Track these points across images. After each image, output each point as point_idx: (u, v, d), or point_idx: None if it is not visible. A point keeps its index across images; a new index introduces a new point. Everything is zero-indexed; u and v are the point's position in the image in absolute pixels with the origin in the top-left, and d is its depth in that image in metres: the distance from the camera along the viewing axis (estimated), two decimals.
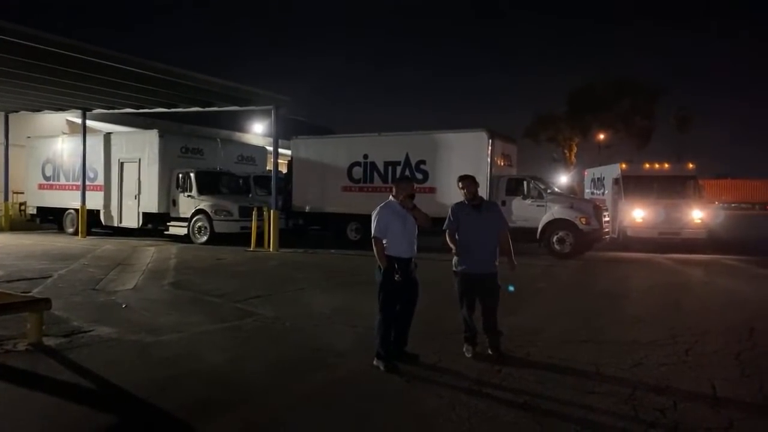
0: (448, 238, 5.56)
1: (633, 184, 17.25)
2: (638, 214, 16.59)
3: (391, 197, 5.31)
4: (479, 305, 5.51)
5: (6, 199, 19.87)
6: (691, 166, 18.08)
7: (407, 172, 15.59)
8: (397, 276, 5.00)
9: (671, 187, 17.11)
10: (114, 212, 17.53)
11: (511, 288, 5.41)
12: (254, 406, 4.30)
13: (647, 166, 18.11)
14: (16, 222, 19.73)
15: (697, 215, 16.46)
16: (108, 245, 15.13)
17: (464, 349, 5.49)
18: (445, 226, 5.60)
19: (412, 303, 5.24)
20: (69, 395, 4.44)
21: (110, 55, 11.87)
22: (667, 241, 16.15)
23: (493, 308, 5.47)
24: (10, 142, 19.52)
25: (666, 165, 18.12)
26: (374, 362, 5.06)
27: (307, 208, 17.11)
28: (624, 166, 18.14)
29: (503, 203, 14.66)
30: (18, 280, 9.35)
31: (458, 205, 5.63)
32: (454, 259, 5.54)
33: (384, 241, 5.13)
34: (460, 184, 5.63)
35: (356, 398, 4.47)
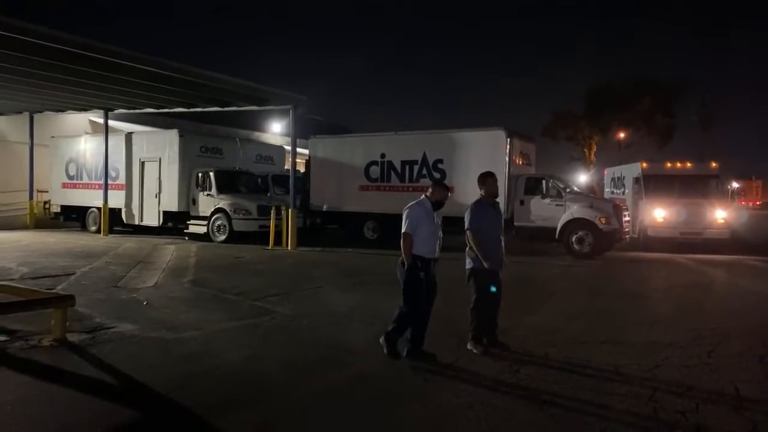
0: (472, 238, 5.51)
1: (654, 184, 16.98)
2: (659, 213, 16.34)
3: (424, 196, 5.36)
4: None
5: (31, 197, 20.27)
6: (714, 165, 17.74)
7: (424, 171, 15.57)
8: (422, 274, 5.08)
9: (693, 187, 16.79)
10: (135, 211, 17.79)
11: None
12: (271, 403, 4.34)
13: (669, 164, 17.81)
14: (40, 220, 20.15)
15: (719, 215, 16.16)
16: (129, 243, 15.36)
17: (471, 346, 5.52)
18: (469, 225, 5.55)
19: (430, 303, 5.28)
20: (92, 390, 4.52)
21: (131, 56, 12.03)
22: (689, 242, 15.89)
23: (499, 301, 5.67)
24: (34, 141, 19.92)
25: (688, 164, 17.80)
26: (380, 339, 5.25)
27: (325, 207, 17.18)
28: (645, 164, 17.86)
29: (522, 202, 14.58)
30: (42, 277, 9.54)
31: (480, 204, 5.63)
32: (472, 257, 5.54)
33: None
34: (487, 180, 5.65)
35: (373, 397, 4.48)
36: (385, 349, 5.17)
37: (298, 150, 17.06)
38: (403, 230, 5.20)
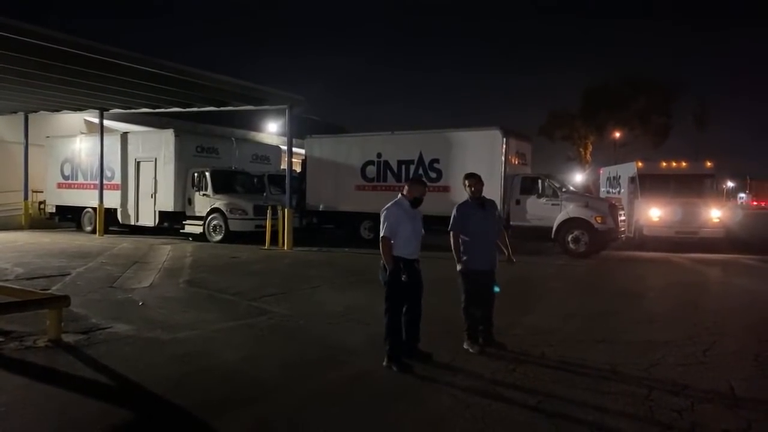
0: (452, 239, 5.58)
1: (649, 183, 17.06)
2: (655, 212, 16.40)
3: (400, 195, 5.29)
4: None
5: (26, 197, 20.19)
6: (709, 164, 17.83)
7: (420, 171, 15.57)
8: (404, 277, 4.99)
9: (689, 186, 16.88)
10: (131, 211, 17.75)
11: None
12: (268, 403, 4.33)
13: (664, 164, 17.89)
14: (35, 220, 20.07)
15: (714, 214, 16.24)
16: (125, 243, 15.32)
17: (467, 346, 5.54)
18: (451, 226, 5.61)
19: (419, 300, 5.25)
20: (87, 391, 4.50)
21: (126, 56, 11.99)
22: (684, 241, 15.96)
23: (493, 301, 5.68)
24: (29, 141, 19.84)
25: (683, 163, 17.88)
26: (384, 363, 5.03)
27: (321, 207, 17.18)
28: (640, 164, 17.94)
29: (518, 202, 14.62)
30: (38, 277, 9.50)
31: (465, 204, 5.67)
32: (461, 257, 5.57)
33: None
34: (466, 182, 5.69)
35: (370, 397, 4.48)
36: (395, 368, 4.95)
37: (295, 150, 17.04)
38: (381, 234, 5.06)
